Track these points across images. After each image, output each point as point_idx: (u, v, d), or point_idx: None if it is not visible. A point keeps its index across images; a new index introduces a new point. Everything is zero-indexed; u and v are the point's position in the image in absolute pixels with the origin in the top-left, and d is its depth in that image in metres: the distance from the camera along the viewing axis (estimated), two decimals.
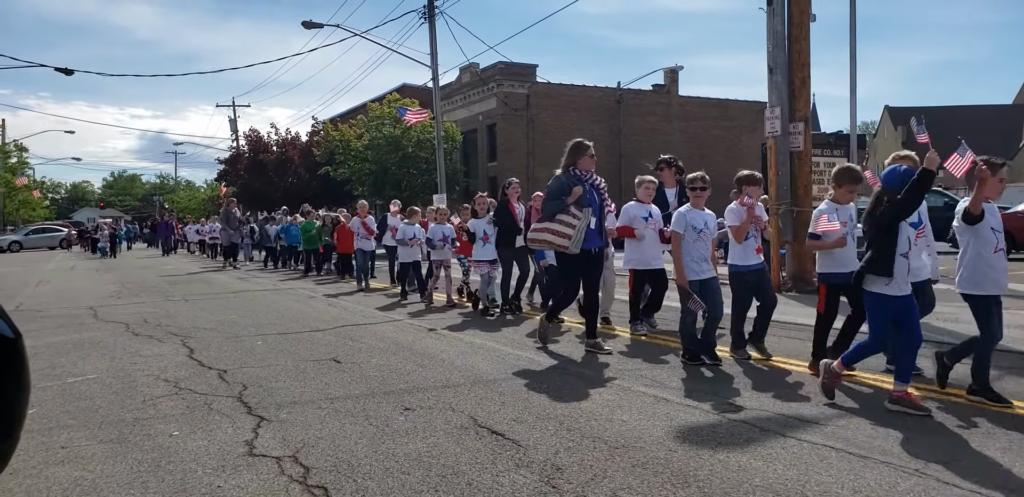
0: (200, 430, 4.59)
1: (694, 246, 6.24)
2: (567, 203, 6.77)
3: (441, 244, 10.88)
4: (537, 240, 6.96)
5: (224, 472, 3.81)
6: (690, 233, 6.24)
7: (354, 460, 3.94)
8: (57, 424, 4.82)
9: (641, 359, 6.62)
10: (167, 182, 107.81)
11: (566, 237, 6.70)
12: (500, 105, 35.39)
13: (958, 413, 4.62)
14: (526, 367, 6.32)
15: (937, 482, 3.44)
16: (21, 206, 57.11)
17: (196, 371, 6.44)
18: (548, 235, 6.80)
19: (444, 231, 10.99)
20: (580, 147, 7.05)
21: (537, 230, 6.95)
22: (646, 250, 7.71)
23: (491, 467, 3.78)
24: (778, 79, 12.06)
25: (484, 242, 9.82)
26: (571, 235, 6.67)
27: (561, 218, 6.77)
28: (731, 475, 3.58)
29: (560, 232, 6.73)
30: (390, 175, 32.17)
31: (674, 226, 6.33)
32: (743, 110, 39.86)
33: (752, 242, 6.35)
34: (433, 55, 25.93)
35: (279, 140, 43.30)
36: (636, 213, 7.78)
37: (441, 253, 11.01)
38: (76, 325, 9.67)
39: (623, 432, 4.34)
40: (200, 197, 73.94)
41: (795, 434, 4.22)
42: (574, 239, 6.67)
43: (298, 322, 9.43)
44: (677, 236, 6.27)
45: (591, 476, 3.61)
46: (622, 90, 37.90)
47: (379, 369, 6.33)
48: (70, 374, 6.45)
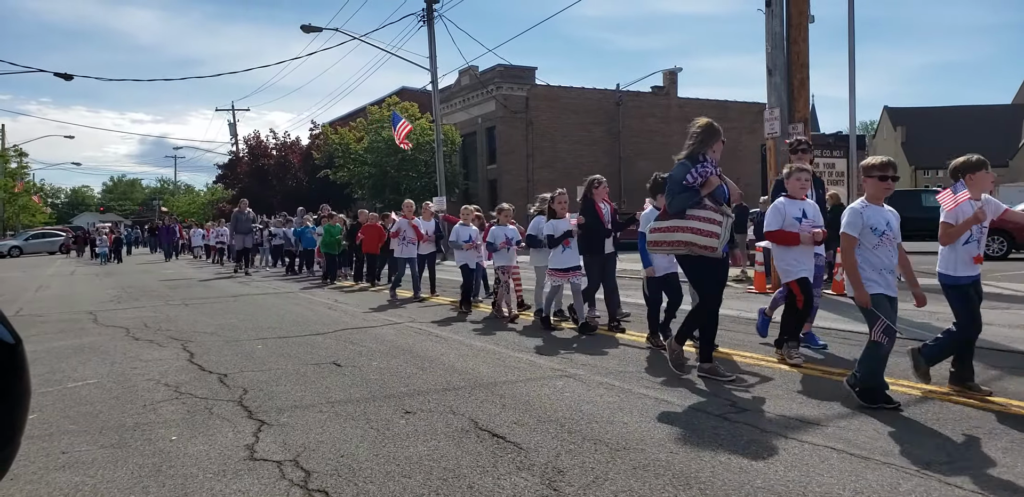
0: (201, 434, 4.58)
1: (873, 253, 4.92)
2: (702, 195, 5.61)
3: (504, 248, 9.82)
4: (668, 242, 5.70)
5: (225, 476, 3.80)
6: (868, 236, 4.91)
7: (355, 464, 3.93)
8: (58, 429, 4.81)
9: (641, 362, 6.62)
10: (167, 186, 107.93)
11: (713, 236, 5.49)
12: (499, 108, 35.42)
13: (959, 414, 4.62)
14: (527, 370, 6.32)
15: (939, 483, 3.43)
16: (21, 211, 57.15)
17: (196, 375, 6.44)
18: (688, 235, 5.56)
19: (507, 233, 9.88)
20: (713, 131, 5.71)
21: (667, 229, 5.69)
22: (800, 258, 6.22)
23: (492, 470, 3.77)
24: (777, 80, 12.08)
25: (565, 247, 8.38)
26: (719, 234, 5.48)
27: (699, 214, 5.58)
28: (732, 477, 3.58)
29: (704, 231, 5.52)
30: (389, 178, 32.26)
31: (846, 227, 4.93)
32: (742, 111, 39.91)
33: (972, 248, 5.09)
34: (432, 58, 25.99)
35: (278, 144, 43.38)
36: (789, 211, 6.26)
37: (505, 257, 9.84)
38: (76, 330, 9.66)
39: (624, 434, 4.33)
40: (200, 201, 74.00)
41: (796, 435, 4.22)
42: (722, 238, 5.52)
43: (298, 326, 9.43)
44: (850, 240, 4.92)
45: (592, 479, 3.60)
46: (621, 92, 37.93)
47: (380, 372, 6.32)
48: (70, 379, 6.44)
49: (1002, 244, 19.28)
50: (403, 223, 12.60)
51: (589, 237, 8.30)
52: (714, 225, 5.48)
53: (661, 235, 5.74)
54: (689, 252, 5.60)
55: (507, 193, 34.29)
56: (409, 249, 12.55)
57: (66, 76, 24.08)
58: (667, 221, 5.71)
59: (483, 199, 35.45)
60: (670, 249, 5.74)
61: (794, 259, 6.19)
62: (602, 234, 8.32)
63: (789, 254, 6.19)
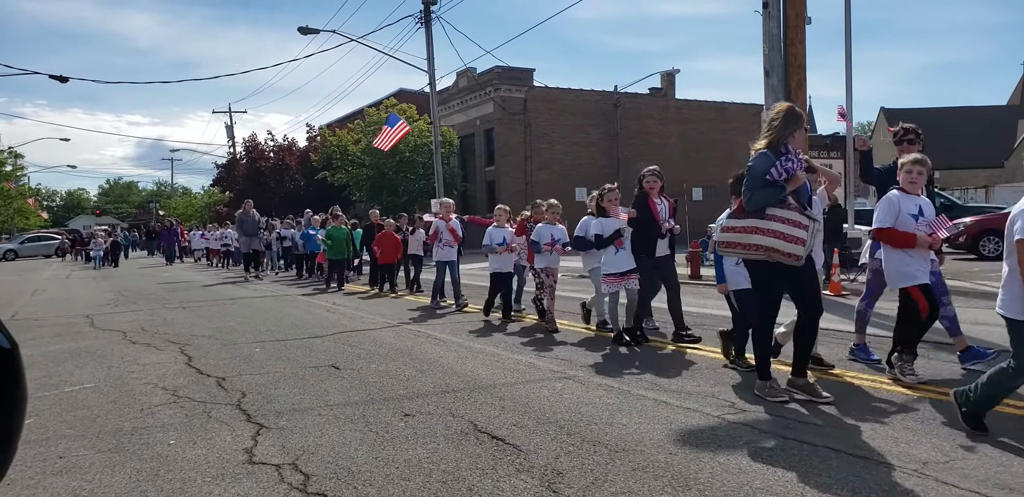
0: (199, 438, 4.57)
1: None
2: (787, 192, 4.90)
3: (548, 249, 8.89)
4: (744, 244, 4.96)
5: (223, 480, 3.79)
6: None
7: (354, 467, 3.92)
8: (55, 434, 4.80)
9: (640, 363, 6.61)
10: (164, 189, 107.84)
11: (798, 242, 4.77)
12: (497, 109, 35.41)
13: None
14: (525, 372, 6.31)
15: (937, 482, 3.43)
16: (16, 214, 57.05)
17: (194, 379, 6.42)
18: (770, 239, 4.82)
19: (554, 233, 8.97)
20: (794, 116, 5.05)
21: (743, 229, 4.96)
22: (917, 261, 5.41)
23: (492, 472, 3.77)
24: (774, 82, 12.09)
25: (618, 248, 7.51)
26: (804, 239, 4.76)
27: (782, 214, 4.86)
28: (731, 478, 3.58)
29: (788, 235, 4.79)
30: (387, 180, 32.23)
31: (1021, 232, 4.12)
32: (740, 113, 39.91)
33: None
34: (430, 60, 25.99)
35: (276, 146, 43.36)
36: (904, 207, 5.44)
37: (548, 259, 9.03)
38: (73, 334, 9.65)
39: (623, 436, 4.33)
40: (197, 204, 73.94)
41: (795, 436, 4.22)
42: (808, 245, 4.78)
43: (297, 329, 9.41)
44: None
45: (592, 480, 3.60)
46: (619, 94, 37.93)
47: (378, 375, 6.31)
48: (67, 383, 6.42)
49: (997, 245, 19.31)
50: (440, 225, 11.75)
51: (641, 236, 7.51)
52: (799, 229, 4.79)
53: (736, 236, 5.00)
54: (768, 258, 4.90)
55: (505, 195, 34.27)
56: (448, 252, 11.69)
57: (62, 78, 24.02)
58: (744, 220, 4.97)
59: (481, 201, 35.45)
60: (744, 253, 5.03)
61: (911, 260, 5.39)
62: (655, 233, 7.55)
63: (903, 256, 5.41)
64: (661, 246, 7.64)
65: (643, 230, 7.51)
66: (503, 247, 9.84)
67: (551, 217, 9.08)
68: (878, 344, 6.46)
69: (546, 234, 8.94)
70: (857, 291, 11.61)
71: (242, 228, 20.23)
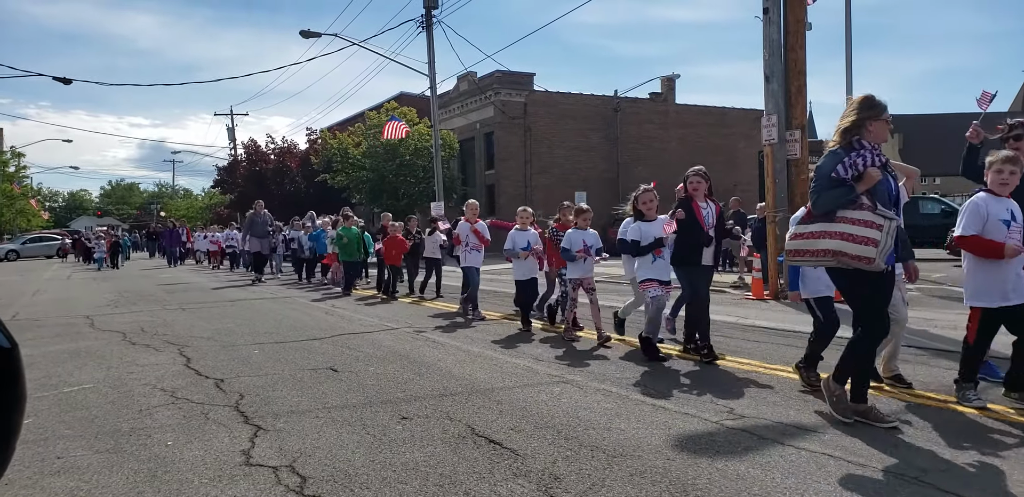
0: (197, 439, 4.57)
1: None
2: (859, 192, 4.47)
3: (582, 256, 8.15)
4: (813, 251, 4.56)
5: (221, 482, 3.79)
6: None
7: (351, 469, 3.92)
8: (53, 434, 4.80)
9: (639, 368, 6.61)
10: (165, 190, 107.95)
11: (869, 244, 4.34)
12: (497, 113, 35.46)
13: (956, 420, 4.62)
14: (524, 376, 6.31)
15: (936, 490, 3.43)
16: (18, 215, 57.09)
17: (193, 380, 6.42)
18: (837, 242, 4.43)
19: (586, 239, 8.24)
20: (870, 105, 4.54)
21: (812, 235, 4.57)
22: (999, 276, 4.84)
23: (489, 476, 3.76)
24: (774, 87, 12.11)
25: (656, 256, 6.90)
26: (878, 241, 4.34)
27: (852, 216, 4.43)
28: (729, 484, 3.57)
29: (857, 237, 4.38)
30: (387, 183, 32.27)
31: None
32: (740, 118, 40.00)
33: None
34: (431, 64, 26.05)
35: (276, 149, 43.41)
36: (993, 211, 4.89)
37: (582, 268, 8.22)
38: (72, 334, 9.64)
39: (621, 441, 4.32)
40: (198, 206, 74.01)
41: (793, 442, 4.21)
42: (882, 247, 4.34)
43: (295, 331, 9.41)
44: None
45: (589, 485, 3.60)
46: (619, 98, 37.99)
47: (376, 378, 6.31)
48: (66, 384, 6.42)
49: None
50: (464, 228, 10.86)
51: (684, 244, 6.81)
52: (871, 229, 4.34)
53: (804, 243, 4.60)
54: (838, 263, 4.48)
55: (505, 199, 34.32)
56: (475, 256, 10.81)
57: (65, 80, 24.08)
58: (812, 225, 4.60)
59: (481, 205, 35.38)
60: (814, 260, 4.61)
61: (991, 276, 4.84)
62: (701, 241, 6.82)
63: (985, 268, 4.86)
64: (706, 255, 6.92)
65: (687, 236, 6.75)
66: (527, 252, 9.28)
67: (582, 222, 8.37)
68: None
69: (578, 240, 8.18)
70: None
71: (252, 229, 19.34)
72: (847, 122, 4.53)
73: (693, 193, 6.90)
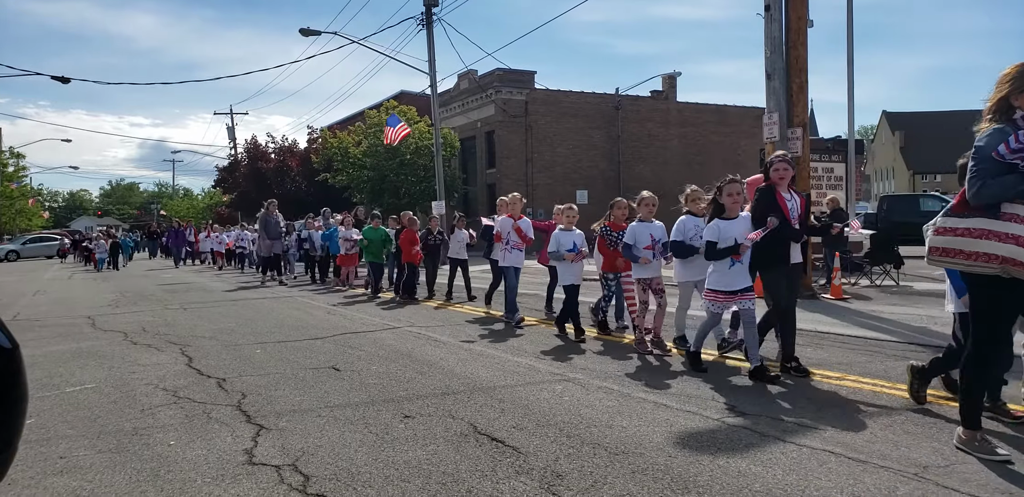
0: (199, 439, 4.58)
1: None
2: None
3: (649, 255, 7.16)
4: (967, 253, 3.77)
5: (223, 481, 3.80)
6: None
7: (354, 468, 3.93)
8: (55, 434, 4.81)
9: (641, 366, 6.62)
10: (165, 190, 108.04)
11: None
12: (498, 112, 35.45)
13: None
14: (526, 374, 6.32)
15: (936, 486, 3.43)
16: (18, 215, 57.15)
17: (195, 380, 6.43)
18: (1003, 246, 3.66)
19: (653, 233, 7.21)
20: None
21: (969, 232, 3.77)
22: None
23: (491, 474, 3.77)
24: (776, 85, 12.10)
25: (734, 261, 5.87)
26: None
27: (1017, 211, 3.67)
28: (731, 481, 3.58)
29: None
30: (388, 182, 32.25)
31: None
32: (741, 116, 39.99)
33: None
34: (431, 62, 26.04)
35: (277, 148, 43.41)
36: None
37: (650, 266, 7.21)
38: (74, 334, 9.66)
39: (623, 438, 4.33)
40: (198, 206, 74.05)
41: (794, 439, 4.22)
42: None
43: (297, 330, 9.42)
44: None
45: (591, 483, 3.60)
46: (620, 96, 37.98)
47: (378, 377, 6.32)
48: (68, 383, 6.43)
49: None
50: (505, 223, 9.92)
51: (768, 243, 5.80)
52: None
53: (957, 240, 3.81)
54: (1003, 273, 3.68)
55: None
56: (516, 256, 9.86)
57: (63, 79, 24.09)
58: (968, 219, 3.79)
59: (482, 204, 35.47)
60: (967, 264, 3.79)
61: None
62: (787, 237, 5.91)
63: None
64: (794, 253, 6.10)
65: (770, 234, 5.75)
66: (573, 254, 8.24)
67: (646, 213, 7.24)
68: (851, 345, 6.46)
69: (644, 235, 7.10)
70: (859, 295, 11.62)
71: (265, 230, 18.44)
72: (1008, 94, 3.73)
73: (778, 182, 5.94)
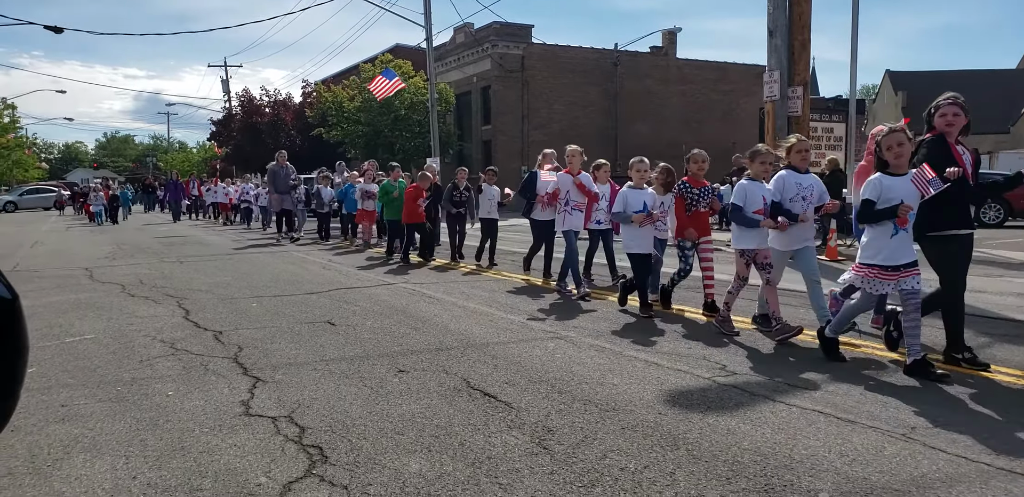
0: (197, 390, 4.64)
1: None
2: None
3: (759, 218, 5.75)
4: None
5: (221, 431, 3.86)
6: None
7: (348, 420, 3.99)
8: (56, 383, 4.87)
9: (633, 325, 6.68)
10: (160, 143, 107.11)
11: None
12: (495, 66, 35.01)
13: (951, 380, 4.68)
14: (519, 331, 6.38)
15: (923, 446, 3.50)
16: (15, 166, 56.70)
17: (192, 332, 6.48)
18: None
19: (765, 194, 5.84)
20: None
21: None
22: None
23: (483, 428, 3.84)
24: (778, 42, 11.96)
25: (899, 228, 4.71)
26: None
27: None
28: (720, 438, 3.65)
29: None
30: (382, 138, 32.01)
31: None
32: (742, 73, 39.57)
33: None
34: (427, 14, 25.61)
35: (271, 101, 42.90)
36: None
37: (757, 236, 5.85)
38: (72, 286, 9.68)
39: (614, 395, 4.40)
40: (194, 159, 73.47)
41: (784, 399, 4.29)
42: None
43: (292, 285, 9.46)
44: None
45: (582, 438, 3.67)
46: (619, 52, 37.49)
47: (373, 332, 6.37)
48: (68, 334, 6.48)
49: (999, 212, 19.36)
50: (565, 180, 8.43)
51: (939, 204, 4.75)
52: None
53: None
54: None
55: (502, 155, 34.09)
56: (575, 218, 8.48)
57: (56, 29, 23.67)
58: None
59: (477, 161, 35.26)
60: None
61: None
62: (964, 198, 4.89)
63: None
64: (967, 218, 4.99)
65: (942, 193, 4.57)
66: (643, 215, 6.93)
67: (759, 170, 5.93)
68: None
69: (756, 196, 5.81)
70: (854, 257, 11.66)
71: (274, 183, 17.03)
72: None
73: (947, 130, 4.94)
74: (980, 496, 2.97)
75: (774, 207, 5.77)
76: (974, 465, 3.29)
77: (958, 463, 3.31)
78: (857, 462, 3.31)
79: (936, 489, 3.04)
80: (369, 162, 16.03)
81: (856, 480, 3.12)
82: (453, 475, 3.24)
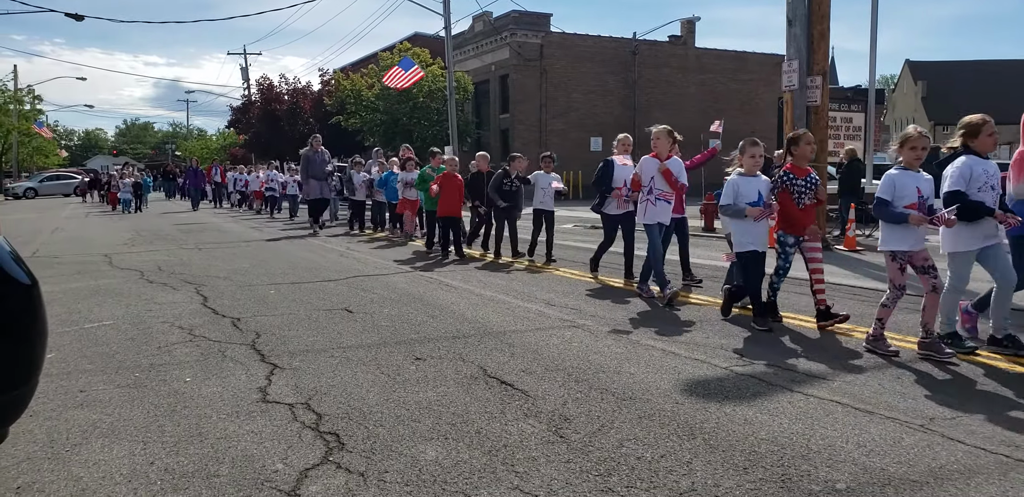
0: (214, 376, 4.67)
1: None
2: None
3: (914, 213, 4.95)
4: None
5: (238, 418, 3.88)
6: None
7: (365, 408, 4.00)
8: (75, 368, 4.91)
9: (650, 314, 6.65)
10: (179, 130, 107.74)
11: None
12: (513, 55, 34.87)
13: (964, 369, 4.65)
14: (536, 320, 6.37)
15: (942, 438, 3.47)
16: (35, 153, 57.13)
17: (210, 319, 6.52)
18: None
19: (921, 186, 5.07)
20: None
21: None
22: None
23: (500, 416, 3.84)
24: (797, 31, 11.81)
25: None
26: None
27: None
28: (737, 428, 3.63)
29: None
30: (400, 126, 32.00)
31: None
32: (760, 63, 39.20)
33: None
34: (445, 3, 25.53)
35: (290, 89, 43.00)
36: None
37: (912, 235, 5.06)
38: (91, 272, 9.77)
39: (631, 384, 4.38)
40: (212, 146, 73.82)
41: (802, 389, 4.26)
42: None
43: (310, 272, 9.49)
44: None
45: (598, 427, 3.66)
46: (638, 41, 37.22)
47: (390, 319, 6.39)
48: (87, 320, 6.54)
49: None
50: (649, 165, 7.25)
51: None
52: None
53: None
54: None
55: (519, 144, 34.00)
56: (660, 210, 7.31)
57: (77, 17, 23.83)
58: None
59: (495, 149, 35.19)
60: None
61: None
62: None
63: None
64: None
65: None
66: (759, 208, 5.89)
67: (911, 158, 5.08)
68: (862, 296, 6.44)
69: (909, 187, 5.03)
70: (872, 247, 11.55)
71: (309, 170, 15.82)
72: None
73: None
74: (999, 488, 2.94)
75: (954, 198, 4.92)
76: (993, 456, 3.26)
77: (976, 454, 3.28)
78: (875, 453, 3.29)
79: (954, 480, 3.01)
80: (404, 147, 15.07)
81: (873, 471, 3.10)
82: (469, 463, 3.24)
